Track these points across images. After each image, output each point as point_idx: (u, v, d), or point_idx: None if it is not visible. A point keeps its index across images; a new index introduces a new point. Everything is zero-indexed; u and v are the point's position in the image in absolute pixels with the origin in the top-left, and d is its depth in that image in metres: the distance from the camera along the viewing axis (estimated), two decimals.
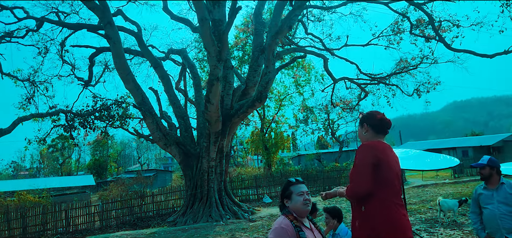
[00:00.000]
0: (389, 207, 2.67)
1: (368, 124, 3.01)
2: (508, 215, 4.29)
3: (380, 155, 2.74)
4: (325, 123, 33.98)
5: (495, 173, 4.46)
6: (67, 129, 17.24)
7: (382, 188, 2.70)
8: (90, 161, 60.33)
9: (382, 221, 2.65)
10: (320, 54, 19.24)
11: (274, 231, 2.59)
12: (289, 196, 2.76)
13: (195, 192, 15.43)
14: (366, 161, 2.74)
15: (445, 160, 7.34)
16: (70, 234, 16.88)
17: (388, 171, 2.74)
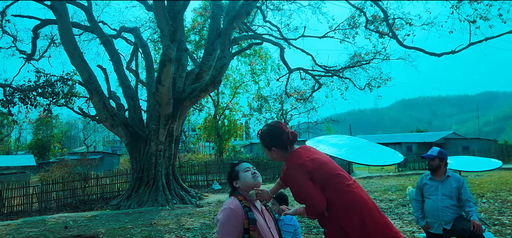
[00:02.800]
0: (343, 194, 2.61)
1: (275, 147, 2.85)
2: (450, 207, 4.41)
3: (309, 167, 2.66)
4: (279, 113, 34.23)
5: (444, 165, 4.56)
6: (5, 104, 16.08)
7: (329, 188, 2.62)
8: (31, 141, 57.18)
9: (343, 211, 2.60)
10: (277, 43, 19.18)
11: (223, 212, 2.46)
12: (236, 176, 2.64)
13: (141, 175, 14.95)
14: (304, 182, 2.64)
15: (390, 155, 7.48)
16: (4, 215, 15.96)
17: (323, 170, 2.67)
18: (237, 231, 2.40)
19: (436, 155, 4.55)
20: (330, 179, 2.64)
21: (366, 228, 2.53)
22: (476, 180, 15.77)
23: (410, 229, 7.96)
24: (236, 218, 2.42)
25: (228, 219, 2.42)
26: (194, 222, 10.40)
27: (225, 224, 2.41)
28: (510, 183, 14.21)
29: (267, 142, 2.87)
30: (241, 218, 2.43)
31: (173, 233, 9.09)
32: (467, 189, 4.42)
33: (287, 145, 2.80)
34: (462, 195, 4.37)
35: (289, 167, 2.74)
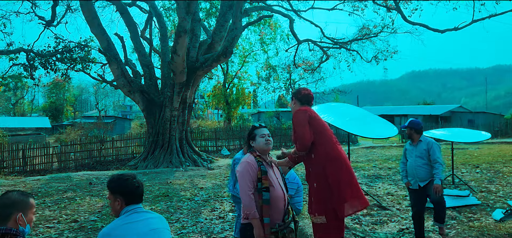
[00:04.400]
0: (329, 146, 3.47)
1: (296, 98, 3.78)
2: (422, 166, 5.34)
3: (309, 113, 3.54)
4: (287, 82, 34.81)
5: (414, 132, 5.49)
6: (28, 68, 16.96)
7: (320, 136, 3.48)
8: (45, 103, 58.54)
9: (325, 157, 3.45)
10: (286, 14, 19.68)
11: (241, 165, 3.22)
12: (254, 137, 3.38)
13: (156, 139, 15.90)
14: (303, 121, 3.51)
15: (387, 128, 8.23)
16: (27, 173, 16.97)
17: (318, 123, 3.56)
18: (253, 179, 3.20)
19: (408, 125, 5.55)
20: (322, 132, 3.51)
21: (341, 177, 3.40)
22: (475, 152, 16.48)
23: (403, 193, 8.80)
24: (252, 169, 3.21)
25: (246, 170, 3.21)
26: (206, 183, 11.33)
27: (244, 173, 3.20)
28: (507, 156, 14.88)
29: (294, 93, 3.83)
30: (255, 169, 3.22)
31: (188, 192, 10.01)
32: (436, 151, 5.25)
33: (304, 100, 3.72)
34: (431, 155, 5.25)
35: (298, 111, 3.60)
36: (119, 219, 2.46)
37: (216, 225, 6.92)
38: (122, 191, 2.49)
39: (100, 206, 8.34)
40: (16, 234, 2.12)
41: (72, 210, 7.93)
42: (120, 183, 2.50)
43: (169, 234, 2.60)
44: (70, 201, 8.84)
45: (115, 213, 2.52)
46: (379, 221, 6.87)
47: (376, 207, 7.76)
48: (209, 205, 8.47)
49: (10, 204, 2.20)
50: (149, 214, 2.55)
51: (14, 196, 2.24)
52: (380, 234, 6.21)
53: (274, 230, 3.09)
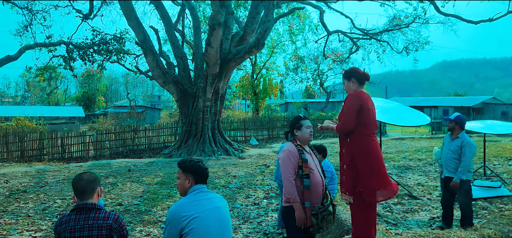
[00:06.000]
0: (365, 138, 3.65)
1: (355, 78, 3.88)
2: (451, 160, 5.68)
3: (362, 103, 3.66)
4: (315, 73, 34.80)
5: (458, 127, 5.73)
6: (67, 60, 17.74)
7: (361, 126, 3.66)
8: (78, 93, 60.50)
9: (358, 146, 3.64)
10: (317, 5, 19.75)
11: (284, 153, 3.52)
12: (299, 127, 3.67)
13: (190, 128, 16.41)
14: (352, 107, 3.67)
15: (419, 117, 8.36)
16: (65, 160, 17.77)
17: (367, 114, 3.69)
18: (294, 166, 3.50)
19: (453, 119, 5.75)
20: (366, 124, 3.68)
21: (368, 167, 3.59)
22: (508, 145, 16.24)
23: (434, 184, 8.93)
24: (293, 157, 3.51)
25: (287, 157, 3.52)
26: (239, 171, 11.72)
27: (286, 160, 3.50)
28: None
29: (352, 72, 3.90)
30: (297, 157, 3.52)
31: (222, 179, 10.42)
32: (466, 153, 5.48)
33: (362, 80, 3.84)
34: (462, 154, 5.54)
35: (353, 95, 3.74)
36: (187, 197, 2.82)
37: (251, 211, 7.27)
38: (194, 171, 2.84)
39: (141, 191, 8.82)
40: (99, 207, 2.51)
41: (116, 194, 8.44)
42: (193, 165, 2.86)
43: (229, 212, 2.95)
44: (113, 186, 9.37)
45: (183, 191, 2.88)
46: (410, 210, 7.08)
47: (407, 197, 7.94)
48: (243, 192, 8.84)
49: (93, 179, 2.60)
50: (212, 193, 2.90)
51: (88, 175, 2.64)
52: (411, 222, 6.43)
53: (314, 213, 3.40)
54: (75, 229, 2.35)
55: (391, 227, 5.86)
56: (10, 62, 14.71)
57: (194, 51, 18.35)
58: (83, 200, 2.53)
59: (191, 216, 2.65)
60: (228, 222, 2.88)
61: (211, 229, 2.71)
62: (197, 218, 2.66)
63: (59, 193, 8.51)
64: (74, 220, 2.39)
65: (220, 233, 2.76)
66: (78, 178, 2.60)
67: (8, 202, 7.74)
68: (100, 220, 2.40)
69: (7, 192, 8.63)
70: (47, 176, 10.77)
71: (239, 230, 6.22)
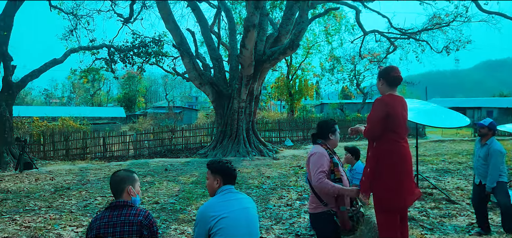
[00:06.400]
0: (392, 143, 3.60)
1: (383, 79, 3.77)
2: (482, 166, 5.63)
3: (389, 109, 3.56)
4: (351, 74, 34.33)
5: (491, 134, 5.62)
6: (108, 62, 18.47)
7: (389, 133, 3.60)
8: (119, 94, 62.63)
9: (384, 151, 3.57)
10: (353, 5, 19.51)
11: (315, 155, 3.51)
12: (334, 131, 3.71)
13: (225, 129, 16.65)
14: (378, 114, 3.59)
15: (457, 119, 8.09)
16: (106, 159, 18.47)
17: (395, 120, 3.61)
18: (327, 166, 3.52)
19: (487, 125, 5.60)
20: (394, 130, 3.61)
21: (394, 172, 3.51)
22: None
23: None
24: (325, 158, 3.54)
25: (320, 157, 3.53)
26: (272, 172, 11.78)
27: (319, 159, 3.50)
28: None
29: (382, 73, 3.80)
30: (328, 160, 3.54)
31: (256, 180, 10.52)
32: (493, 161, 5.40)
33: (391, 82, 3.70)
34: (488, 162, 5.47)
35: (379, 100, 3.64)
36: (215, 197, 2.92)
37: (284, 212, 7.31)
38: (222, 172, 2.94)
39: (177, 190, 9.05)
40: (131, 204, 2.65)
41: (153, 193, 8.71)
42: (221, 165, 2.96)
43: (256, 213, 3.02)
44: (150, 184, 9.67)
45: (212, 191, 2.98)
46: (447, 214, 6.88)
47: (445, 201, 7.72)
48: (277, 193, 8.88)
49: (120, 180, 2.74)
50: (240, 194, 2.98)
51: (122, 173, 2.80)
52: (448, 227, 6.25)
53: (351, 215, 3.42)
54: (108, 225, 2.51)
55: (426, 232, 5.74)
56: (56, 65, 15.47)
57: (229, 53, 18.61)
58: (117, 198, 2.70)
59: (219, 216, 2.74)
60: (256, 222, 2.95)
61: (239, 229, 2.78)
62: (226, 218, 2.75)
63: (99, 191, 8.89)
64: (108, 217, 2.55)
65: (248, 233, 2.83)
66: (110, 179, 2.78)
67: (53, 198, 8.17)
68: (131, 217, 2.54)
69: (52, 189, 9.10)
70: (89, 174, 11.27)
71: (271, 230, 6.27)
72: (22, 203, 7.70)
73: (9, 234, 5.72)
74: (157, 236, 2.62)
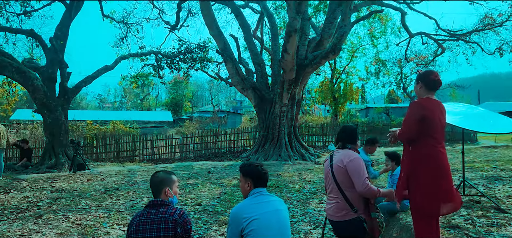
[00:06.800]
0: (429, 148, 3.57)
1: (422, 82, 3.77)
2: None
3: (425, 112, 3.56)
4: (397, 77, 33.45)
5: None
6: (156, 68, 19.22)
7: (424, 136, 3.58)
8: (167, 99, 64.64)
9: (420, 156, 3.56)
10: (398, 7, 19.08)
11: (356, 161, 3.53)
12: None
13: (267, 133, 16.81)
14: (413, 116, 3.60)
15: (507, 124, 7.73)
16: (153, 161, 19.14)
17: (431, 124, 3.58)
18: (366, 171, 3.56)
19: None
20: (431, 135, 3.57)
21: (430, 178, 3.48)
22: None
23: None
24: (363, 162, 3.59)
25: (361, 162, 3.57)
26: (314, 176, 11.75)
27: (360, 164, 3.51)
28: None
29: (421, 76, 3.83)
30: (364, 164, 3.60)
31: (297, 184, 10.55)
32: None
33: (430, 86, 3.72)
34: None
35: (415, 103, 3.68)
36: (247, 199, 3.05)
37: (323, 217, 7.32)
38: (252, 175, 3.07)
39: (219, 193, 9.28)
40: (168, 203, 2.84)
41: (195, 195, 8.98)
42: (251, 169, 3.10)
43: (288, 215, 3.11)
44: (193, 186, 9.97)
45: (244, 193, 3.12)
46: (495, 224, 6.59)
47: (493, 209, 7.40)
48: (317, 197, 8.88)
49: (159, 181, 2.94)
50: (272, 196, 3.10)
51: (161, 174, 3.00)
52: (496, 237, 6.02)
53: (380, 220, 3.46)
54: (146, 222, 2.71)
55: None
56: (107, 71, 16.33)
57: (272, 58, 18.78)
58: (156, 197, 2.91)
59: (251, 218, 2.86)
60: (287, 225, 3.04)
61: (271, 231, 2.89)
62: (257, 220, 2.86)
63: (145, 192, 9.30)
64: (146, 214, 2.76)
65: (279, 235, 2.93)
66: (150, 179, 3.00)
67: (103, 198, 8.64)
68: (166, 215, 2.73)
69: (102, 189, 9.63)
70: (137, 176, 11.79)
71: (310, 235, 6.31)
72: (75, 201, 8.21)
73: (62, 230, 6.13)
74: (191, 234, 2.78)
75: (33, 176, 11.75)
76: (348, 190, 3.47)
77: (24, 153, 14.38)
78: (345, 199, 3.46)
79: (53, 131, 14.27)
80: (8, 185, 10.15)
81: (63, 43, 15.02)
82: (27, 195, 9.00)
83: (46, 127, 14.60)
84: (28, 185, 10.18)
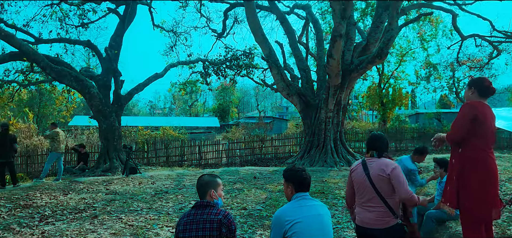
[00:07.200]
0: (477, 151, 3.51)
1: (475, 87, 3.71)
2: None
3: (477, 113, 3.51)
4: (449, 81, 32.09)
5: None
6: (204, 75, 19.76)
7: (475, 138, 3.52)
8: (214, 105, 65.96)
9: (469, 159, 3.51)
10: (449, 9, 18.44)
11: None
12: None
13: (312, 139, 16.76)
14: (465, 117, 3.57)
15: None
16: (201, 166, 19.63)
17: (482, 126, 3.53)
18: None
19: None
20: (482, 137, 3.51)
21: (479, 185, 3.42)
22: None
23: None
24: None
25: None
26: None
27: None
28: None
29: (474, 81, 3.79)
30: None
31: (342, 190, 10.43)
32: None
33: (483, 92, 3.68)
34: None
35: (467, 104, 3.64)
36: (290, 203, 3.14)
37: None
38: (293, 180, 3.17)
39: (264, 198, 9.40)
40: (213, 205, 2.99)
41: (241, 199, 9.14)
42: (292, 173, 3.19)
43: (330, 220, 3.16)
44: (239, 191, 10.15)
45: (288, 198, 3.22)
46: None
47: None
48: None
49: (205, 183, 3.10)
50: (314, 201, 3.17)
51: (206, 177, 3.16)
52: None
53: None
54: (193, 221, 2.88)
55: None
56: (157, 79, 17.04)
57: (317, 63, 18.73)
58: (201, 199, 3.07)
59: (293, 221, 2.95)
60: (330, 229, 3.10)
61: (313, 234, 2.97)
62: (299, 223, 2.95)
63: (193, 195, 9.59)
64: (193, 214, 2.93)
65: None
66: (197, 181, 3.17)
67: (153, 200, 9.03)
68: (212, 215, 2.88)
69: (153, 192, 10.05)
70: (185, 180, 12.17)
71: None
72: (127, 203, 8.64)
73: (116, 231, 6.50)
74: (235, 235, 2.91)
75: (89, 179, 12.47)
76: (390, 198, 3.44)
77: (81, 157, 15.27)
78: (388, 206, 3.46)
79: (107, 136, 15.06)
80: (66, 187, 10.84)
81: (117, 53, 15.83)
82: (84, 196, 9.59)
83: (101, 132, 15.45)
84: (84, 187, 10.82)
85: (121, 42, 16.14)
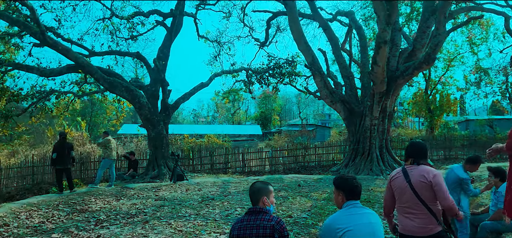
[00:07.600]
0: None
1: None
2: None
3: None
4: (502, 86, 30.59)
5: None
6: (247, 83, 20.05)
7: None
8: (257, 113, 66.41)
9: None
10: (500, 11, 17.68)
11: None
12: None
13: (357, 147, 16.54)
14: None
15: None
16: (245, 173, 19.81)
17: None
18: None
19: None
20: None
21: None
22: None
23: None
24: None
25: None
26: None
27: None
28: None
29: None
30: None
31: None
32: None
33: None
34: None
35: None
36: (341, 211, 3.19)
37: None
38: (344, 188, 3.22)
39: (309, 206, 9.40)
40: (266, 211, 3.09)
41: (286, 207, 9.20)
42: (343, 181, 3.25)
43: (382, 229, 3.18)
44: (284, 199, 10.21)
45: (338, 205, 3.27)
46: None
47: None
48: None
49: (258, 190, 3.21)
50: (365, 209, 3.20)
51: (258, 185, 3.27)
52: None
53: None
54: (247, 227, 3.00)
55: None
56: (203, 88, 17.52)
57: (361, 70, 18.51)
58: (254, 205, 3.19)
59: (344, 229, 3.00)
60: (381, 237, 3.12)
61: None
62: (351, 231, 2.99)
63: (239, 202, 9.76)
64: (246, 220, 3.05)
65: None
66: (250, 188, 3.29)
67: (200, 207, 9.28)
68: (265, 221, 2.98)
69: (199, 199, 10.32)
70: (230, 187, 12.39)
71: None
72: (176, 210, 8.94)
73: (166, 236, 6.76)
74: None
75: (139, 185, 12.98)
76: (432, 205, 3.46)
77: (131, 164, 15.92)
78: (431, 213, 3.45)
79: (156, 143, 15.61)
80: (118, 193, 11.36)
81: (164, 64, 16.43)
82: (135, 202, 10.01)
83: (150, 140, 16.04)
84: (135, 193, 11.29)
85: (168, 53, 16.73)
